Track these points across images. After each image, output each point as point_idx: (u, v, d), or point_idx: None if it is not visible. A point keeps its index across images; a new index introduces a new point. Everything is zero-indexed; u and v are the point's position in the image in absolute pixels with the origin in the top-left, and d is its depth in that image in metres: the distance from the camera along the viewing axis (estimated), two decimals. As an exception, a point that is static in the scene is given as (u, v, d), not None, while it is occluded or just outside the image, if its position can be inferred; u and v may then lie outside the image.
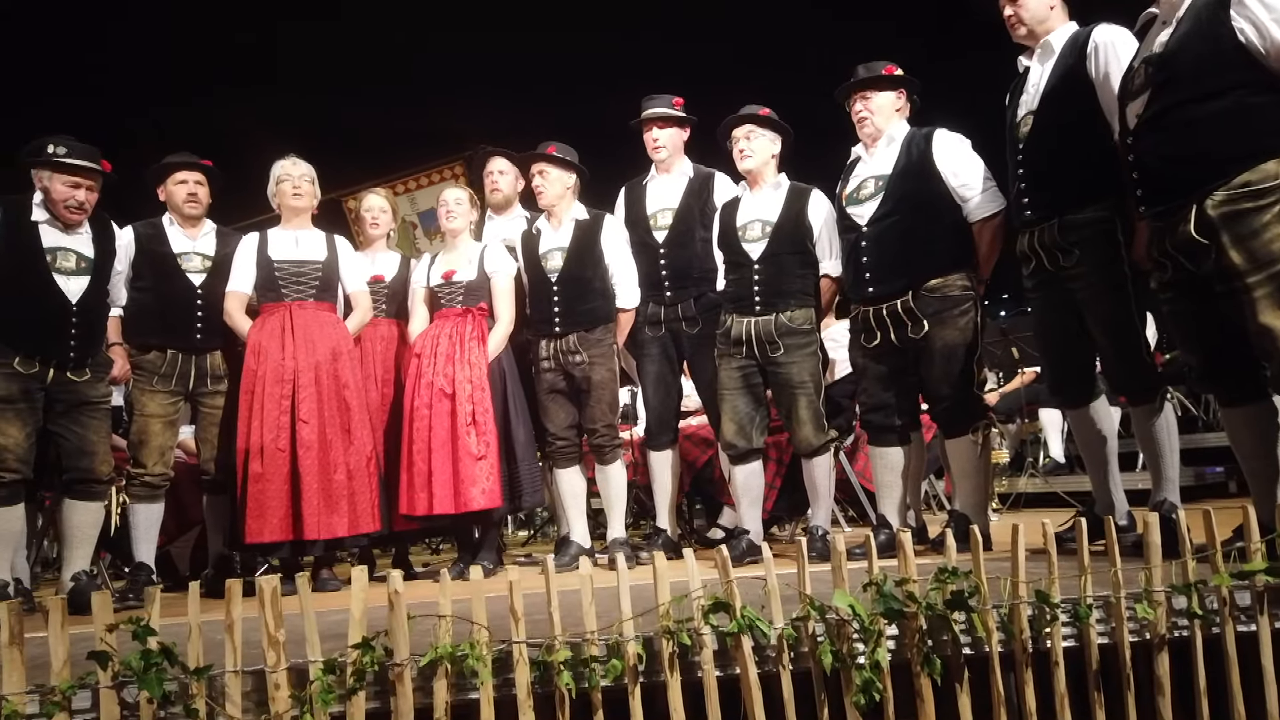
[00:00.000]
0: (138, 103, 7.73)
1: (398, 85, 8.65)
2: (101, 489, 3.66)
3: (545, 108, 7.83)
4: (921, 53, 3.75)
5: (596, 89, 7.24)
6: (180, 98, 7.97)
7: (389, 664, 1.93)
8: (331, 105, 8.53)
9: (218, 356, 3.97)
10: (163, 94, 7.88)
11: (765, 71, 6.95)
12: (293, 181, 3.95)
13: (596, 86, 7.36)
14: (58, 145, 3.54)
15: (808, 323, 3.72)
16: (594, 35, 8.30)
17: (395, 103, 8.76)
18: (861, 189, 3.55)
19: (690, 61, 7.56)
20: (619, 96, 4.42)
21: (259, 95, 8.26)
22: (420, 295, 4.14)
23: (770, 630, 2.01)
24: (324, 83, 8.43)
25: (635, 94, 4.20)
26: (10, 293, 3.47)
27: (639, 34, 8.20)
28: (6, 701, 1.82)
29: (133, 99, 7.74)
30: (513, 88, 8.63)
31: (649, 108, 4.16)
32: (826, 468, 3.76)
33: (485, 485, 3.78)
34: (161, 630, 1.89)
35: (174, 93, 7.95)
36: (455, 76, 8.89)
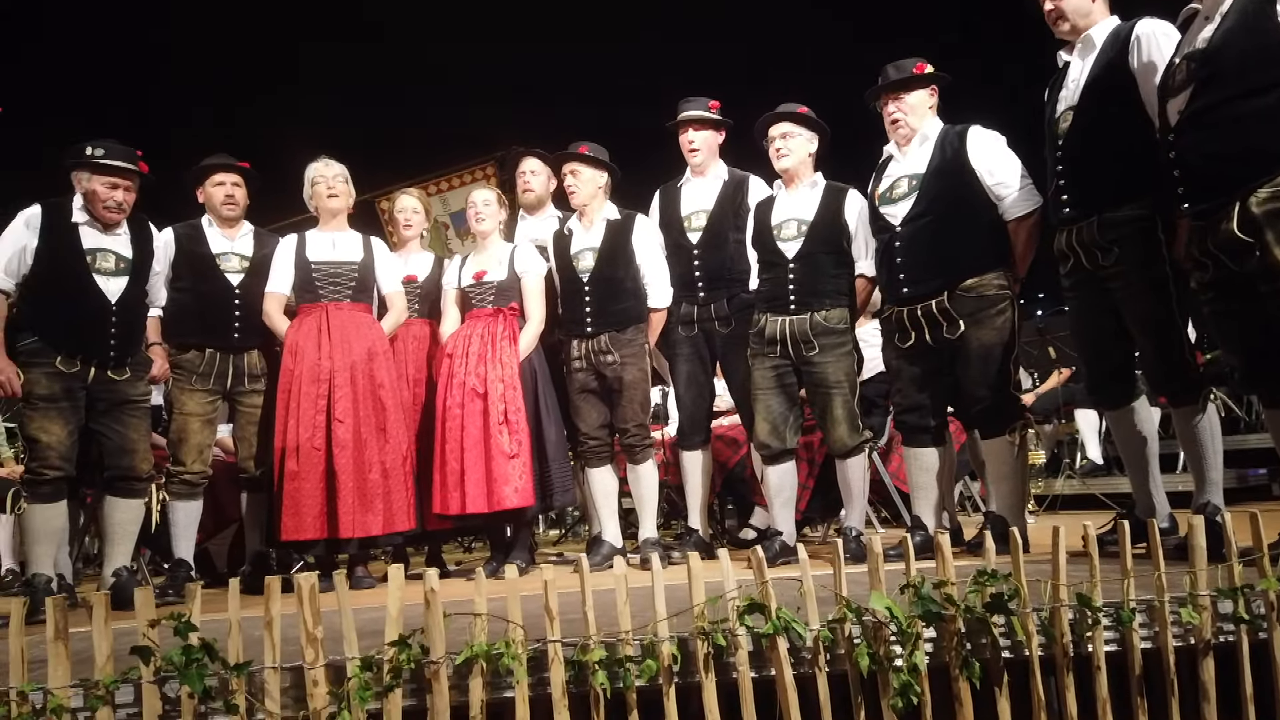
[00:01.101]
0: (177, 106, 7.85)
1: (430, 87, 8.71)
2: (142, 486, 3.72)
3: (579, 110, 7.85)
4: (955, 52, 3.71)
5: (631, 92, 7.25)
6: (218, 101, 8.08)
7: (425, 662, 1.94)
8: (365, 107, 8.61)
9: (255, 356, 4.01)
10: (201, 97, 8.00)
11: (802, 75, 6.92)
12: (327, 182, 4.00)
13: (631, 89, 7.37)
14: (96, 147, 3.59)
15: (843, 322, 3.69)
16: (630, 39, 8.31)
17: (428, 104, 8.82)
18: (895, 188, 3.52)
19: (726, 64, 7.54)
20: (654, 99, 4.42)
21: (294, 98, 8.36)
22: (452, 296, 4.16)
23: (806, 632, 2.00)
24: (358, 85, 8.51)
25: (671, 97, 4.20)
26: (51, 293, 3.54)
27: (674, 37, 8.20)
28: (52, 695, 1.85)
29: (172, 103, 7.86)
30: (546, 90, 8.66)
31: (685, 110, 4.15)
32: (861, 468, 3.73)
33: (518, 484, 3.80)
34: (202, 626, 1.91)
35: (213, 96, 8.07)
36: (488, 78, 8.94)
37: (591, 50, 8.42)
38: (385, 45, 8.48)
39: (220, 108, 7.94)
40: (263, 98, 8.22)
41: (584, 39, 8.45)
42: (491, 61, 8.80)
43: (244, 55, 8.19)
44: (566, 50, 8.54)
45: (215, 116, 7.68)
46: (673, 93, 4.23)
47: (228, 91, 8.17)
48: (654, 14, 8.04)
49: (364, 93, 8.60)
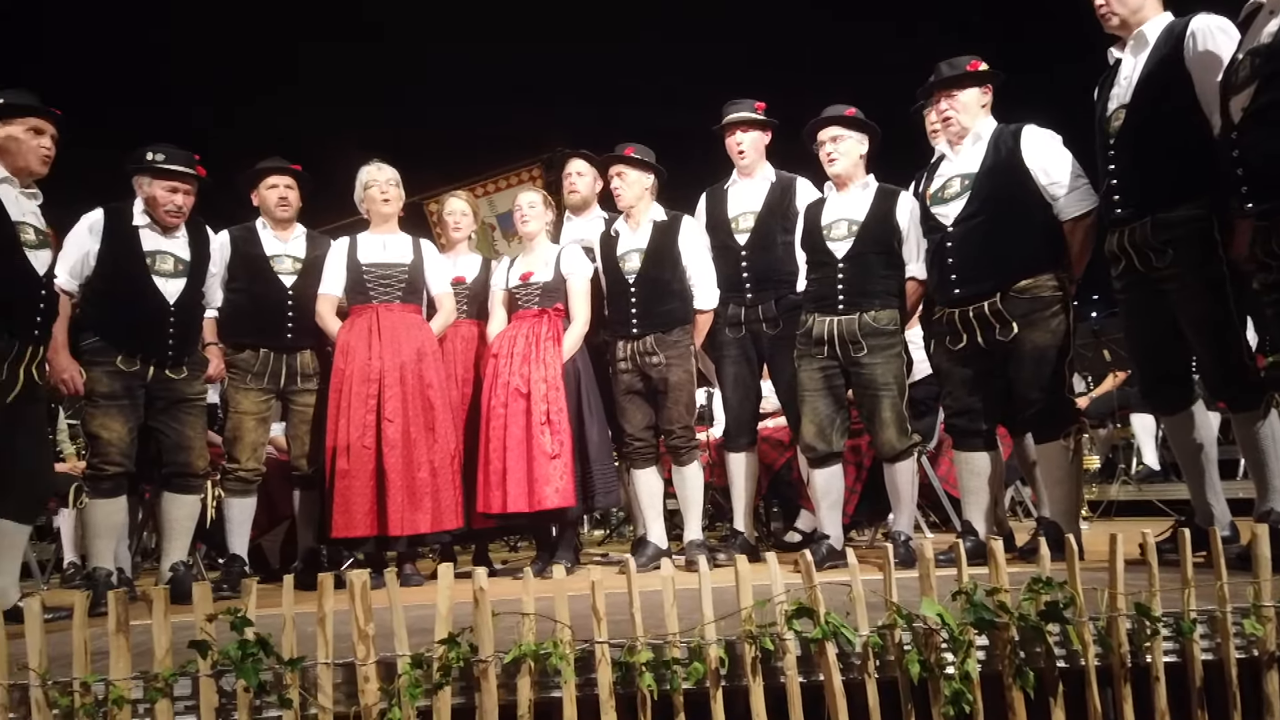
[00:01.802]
0: (226, 109, 8.03)
1: (477, 90, 8.80)
2: (198, 483, 3.80)
3: (625, 111, 7.87)
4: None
5: (677, 93, 7.25)
6: (271, 104, 8.24)
7: (474, 660, 1.96)
8: (413, 110, 8.72)
9: (308, 355, 4.08)
10: (254, 101, 8.16)
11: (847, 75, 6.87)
12: (379, 186, 4.05)
13: (677, 91, 7.37)
14: (156, 152, 3.68)
15: (892, 324, 3.65)
16: (674, 40, 8.32)
17: (474, 107, 8.91)
18: (946, 188, 3.47)
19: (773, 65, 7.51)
20: (700, 100, 4.41)
21: (343, 101, 8.50)
22: (499, 297, 4.19)
23: (855, 638, 1.98)
24: (406, 89, 8.63)
25: (717, 98, 4.19)
26: (113, 295, 3.63)
27: (719, 39, 8.19)
28: (113, 687, 1.90)
29: (222, 106, 8.03)
30: (592, 92, 8.69)
31: (731, 112, 4.14)
32: (910, 472, 3.69)
33: (559, 484, 3.81)
34: (256, 621, 1.95)
35: (267, 100, 8.23)
36: (534, 81, 9.00)
37: (639, 51, 8.44)
38: (433, 49, 8.58)
39: (272, 111, 8.09)
40: (315, 104, 8.37)
41: (630, 40, 8.48)
42: (538, 64, 8.85)
43: (296, 60, 8.35)
44: (614, 51, 8.57)
45: (266, 119, 7.83)
46: (719, 94, 4.22)
47: (280, 95, 8.33)
48: (700, 14, 8.04)
49: (412, 96, 8.71)
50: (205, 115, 7.70)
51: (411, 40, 8.48)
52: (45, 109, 3.22)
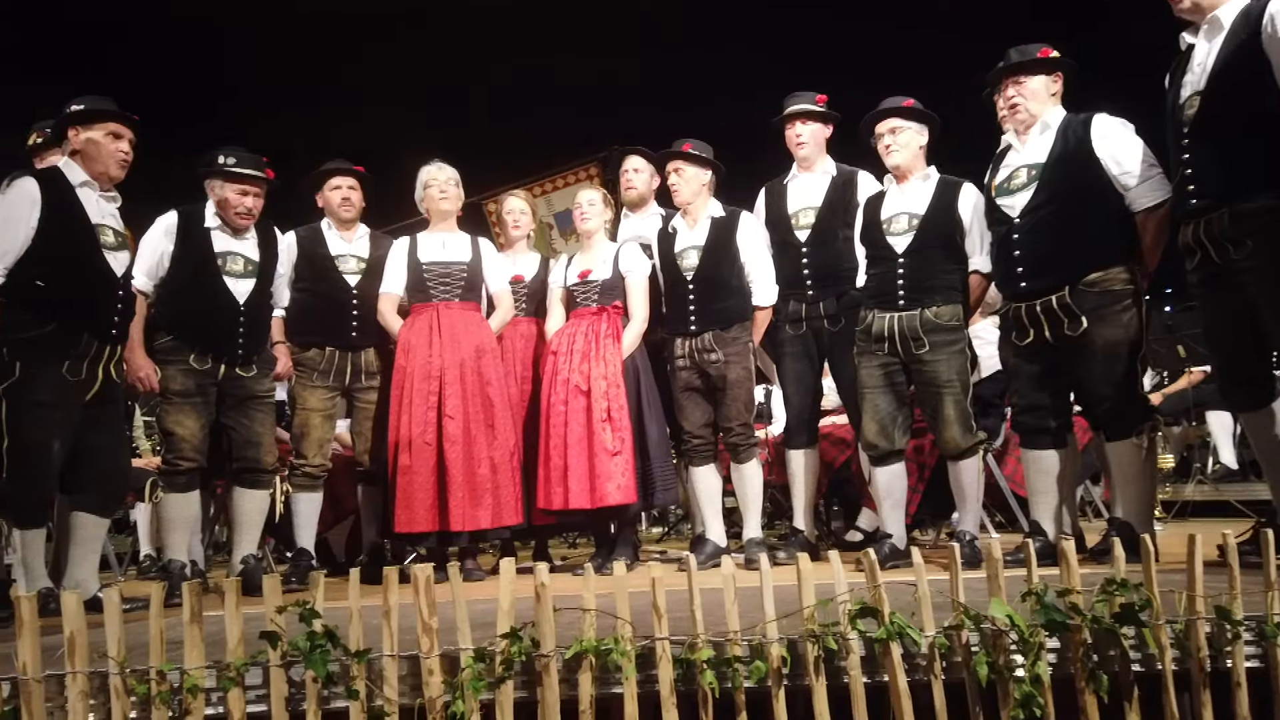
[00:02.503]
0: (297, 110, 8.21)
1: (535, 90, 8.86)
2: (267, 478, 3.90)
3: (683, 107, 7.86)
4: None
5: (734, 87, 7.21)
6: (332, 107, 8.41)
7: (535, 655, 1.97)
8: (471, 111, 8.82)
9: (371, 354, 4.15)
10: (316, 102, 8.33)
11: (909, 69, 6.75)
12: (439, 186, 4.10)
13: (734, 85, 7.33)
14: (228, 155, 3.78)
15: (955, 319, 3.58)
16: (733, 35, 8.28)
17: (532, 107, 8.97)
18: (1013, 179, 3.39)
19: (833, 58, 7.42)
20: (759, 94, 4.38)
21: (404, 102, 8.63)
22: (558, 294, 4.21)
23: (921, 638, 1.94)
24: (464, 89, 8.73)
25: (777, 90, 4.15)
26: (186, 295, 3.73)
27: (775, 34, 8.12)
28: (188, 675, 1.96)
29: (294, 106, 8.22)
30: (649, 89, 8.69)
31: (791, 104, 4.09)
32: (974, 471, 3.61)
33: (620, 481, 3.82)
34: (324, 614, 1.98)
35: (328, 102, 8.40)
36: (591, 79, 9.02)
37: (694, 46, 8.42)
38: (490, 51, 8.67)
39: (332, 113, 8.26)
40: (377, 105, 8.52)
41: (684, 35, 8.46)
42: (594, 63, 8.88)
43: (358, 62, 8.50)
44: (666, 48, 8.57)
45: (328, 121, 8.00)
46: (778, 87, 4.18)
47: (340, 98, 8.50)
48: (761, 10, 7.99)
49: (472, 97, 8.81)
50: (269, 117, 7.88)
51: (471, 42, 8.57)
52: (123, 113, 3.32)
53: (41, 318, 3.11)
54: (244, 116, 7.83)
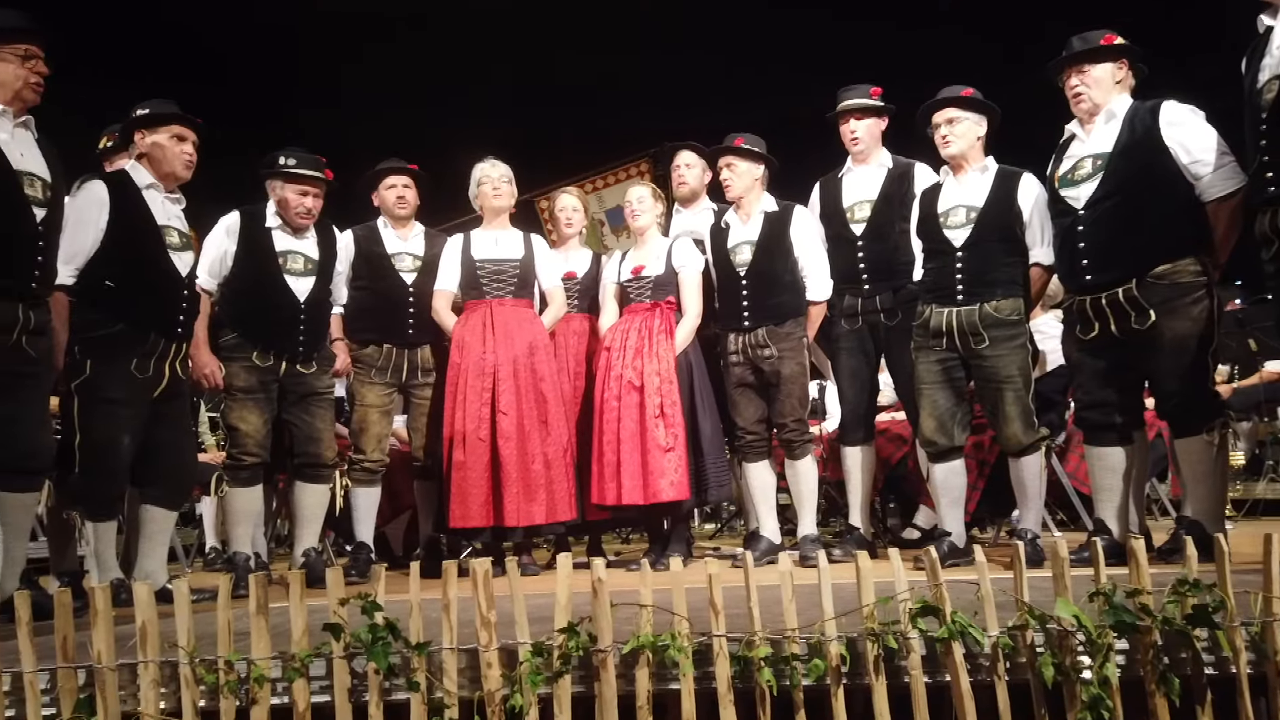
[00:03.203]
0: (354, 109, 8.35)
1: (583, 87, 8.89)
2: (328, 473, 3.97)
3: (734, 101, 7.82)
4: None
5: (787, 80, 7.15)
6: (386, 108, 8.52)
7: (593, 650, 1.97)
8: (523, 109, 8.87)
9: (428, 350, 4.21)
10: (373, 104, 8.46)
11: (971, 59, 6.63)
12: (492, 183, 4.13)
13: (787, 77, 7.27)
14: (288, 157, 3.85)
15: (1015, 313, 3.50)
16: (783, 28, 8.20)
17: (582, 104, 9.00)
18: (1077, 169, 3.31)
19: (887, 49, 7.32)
20: (812, 86, 4.33)
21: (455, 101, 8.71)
22: (611, 291, 4.22)
23: (984, 638, 1.90)
24: (514, 88, 8.78)
25: (830, 83, 4.10)
26: (248, 293, 3.81)
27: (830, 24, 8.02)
28: (254, 665, 2.00)
29: (353, 105, 8.36)
30: (701, 84, 8.66)
31: (845, 99, 4.04)
32: (1036, 468, 3.54)
33: (673, 477, 3.82)
34: (385, 606, 2.01)
35: (381, 103, 8.52)
36: (640, 75, 9.02)
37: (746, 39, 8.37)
38: (542, 47, 8.71)
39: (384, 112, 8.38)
40: (428, 105, 8.61)
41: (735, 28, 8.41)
42: (643, 60, 8.88)
43: (413, 63, 8.61)
44: (719, 41, 8.53)
45: (383, 121, 8.11)
46: (832, 79, 4.14)
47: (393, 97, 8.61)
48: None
49: (521, 95, 8.87)
50: (327, 117, 8.03)
51: (523, 39, 8.63)
52: (187, 116, 3.40)
53: (110, 317, 3.20)
54: (303, 117, 7.98)
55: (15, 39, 2.88)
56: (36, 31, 2.92)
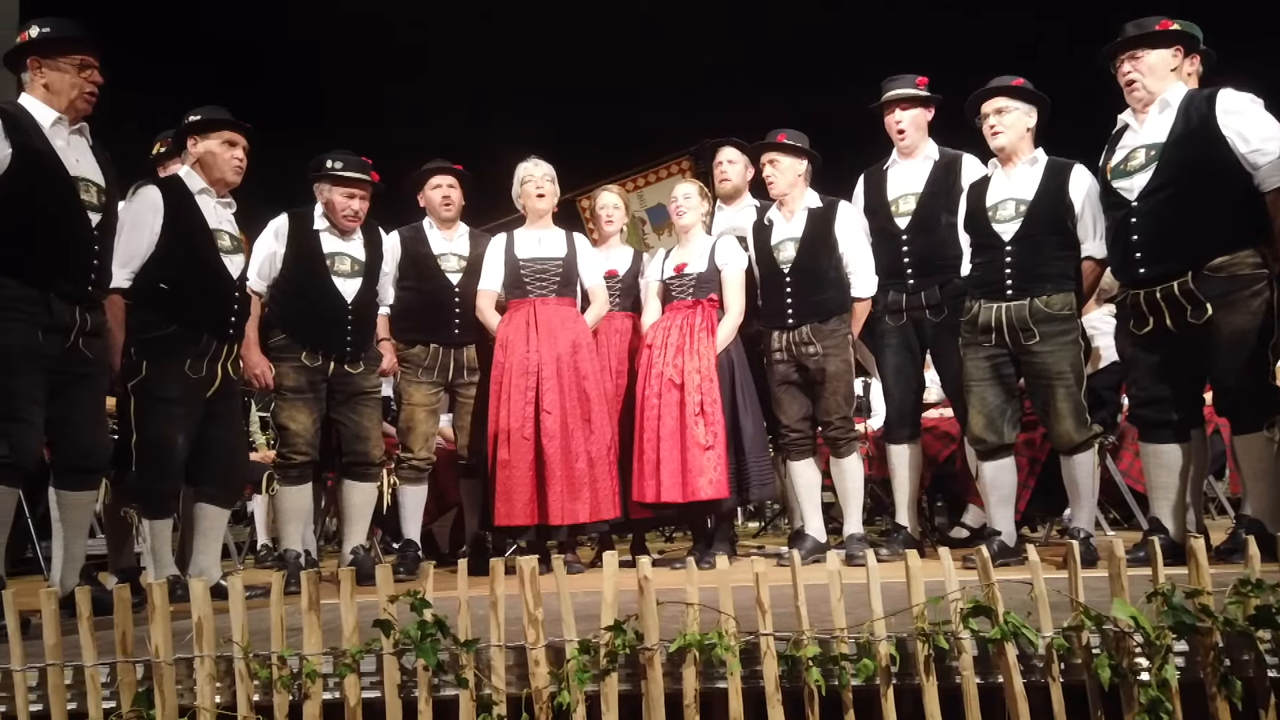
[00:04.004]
0: (401, 110, 8.43)
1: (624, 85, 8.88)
2: (375, 471, 4.02)
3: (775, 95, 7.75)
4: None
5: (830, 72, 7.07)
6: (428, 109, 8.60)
7: (639, 648, 1.97)
8: (563, 108, 8.89)
9: (473, 350, 4.24)
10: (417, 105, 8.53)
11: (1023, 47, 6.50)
12: (535, 182, 4.15)
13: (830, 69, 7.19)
14: (335, 160, 3.90)
15: (1067, 308, 3.43)
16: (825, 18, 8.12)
17: (622, 104, 9.00)
18: (1130, 160, 3.23)
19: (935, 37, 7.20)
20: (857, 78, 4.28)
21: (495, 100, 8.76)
22: (653, 288, 4.22)
23: (1038, 639, 1.87)
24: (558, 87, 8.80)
25: (875, 73, 4.06)
26: (296, 295, 3.87)
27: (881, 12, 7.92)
28: (306, 661, 2.03)
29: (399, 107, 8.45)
30: (738, 79, 8.61)
31: (890, 89, 3.99)
32: (1089, 466, 3.46)
33: (713, 476, 3.81)
34: (433, 604, 2.03)
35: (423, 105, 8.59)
36: (681, 72, 9.00)
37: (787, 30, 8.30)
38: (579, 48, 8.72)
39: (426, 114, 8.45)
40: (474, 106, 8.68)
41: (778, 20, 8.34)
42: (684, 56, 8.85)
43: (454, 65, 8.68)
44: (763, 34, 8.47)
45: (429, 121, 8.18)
46: (877, 70, 4.09)
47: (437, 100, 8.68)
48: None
49: (563, 94, 8.89)
50: (371, 119, 8.13)
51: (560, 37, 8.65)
52: (237, 122, 3.46)
53: (165, 319, 3.27)
54: (350, 118, 8.09)
55: (71, 49, 2.96)
56: (91, 41, 2.99)
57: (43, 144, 2.87)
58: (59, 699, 2.06)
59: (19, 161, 2.80)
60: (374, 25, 8.26)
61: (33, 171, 2.83)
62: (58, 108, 2.93)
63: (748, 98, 7.93)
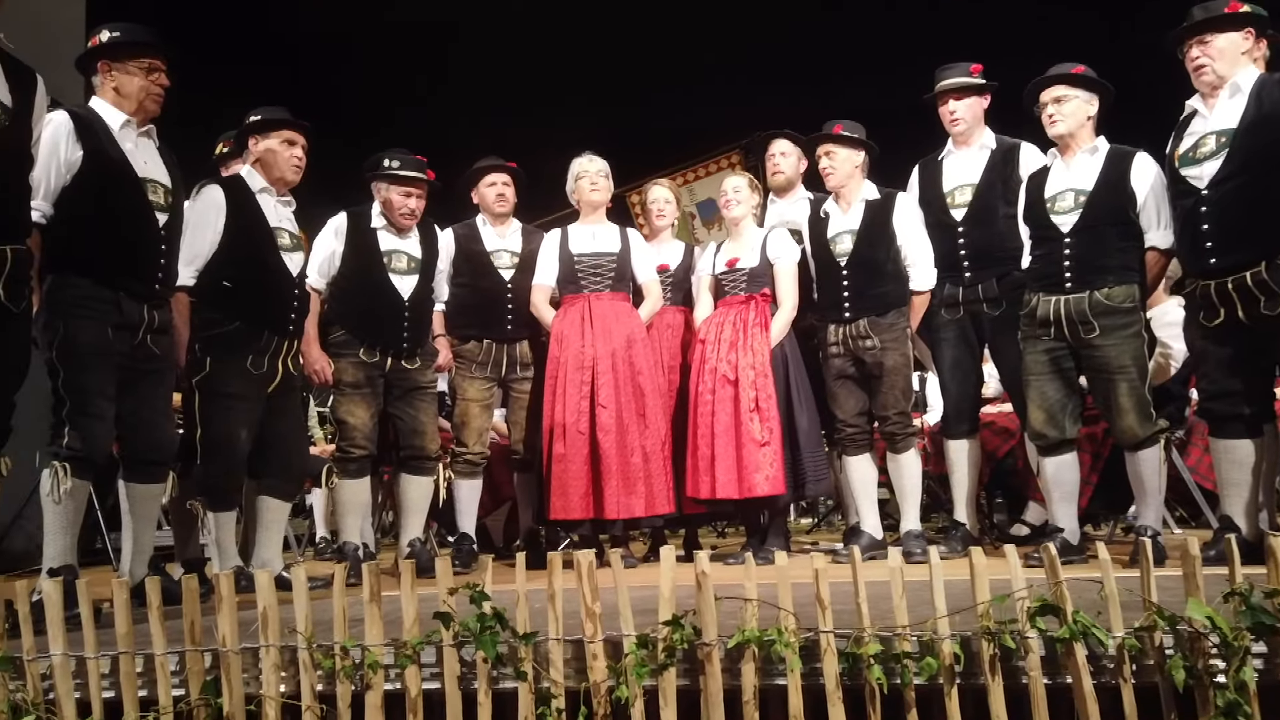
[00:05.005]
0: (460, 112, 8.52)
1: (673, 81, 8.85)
2: (431, 465, 4.07)
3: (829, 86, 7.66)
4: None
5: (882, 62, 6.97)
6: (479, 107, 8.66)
7: (698, 643, 1.96)
8: (612, 106, 8.89)
9: (526, 345, 4.27)
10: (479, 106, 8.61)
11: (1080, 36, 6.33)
12: (590, 177, 4.16)
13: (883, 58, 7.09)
14: (392, 159, 3.95)
15: (1129, 301, 3.34)
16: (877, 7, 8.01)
17: (671, 98, 8.97)
18: (1200, 147, 3.13)
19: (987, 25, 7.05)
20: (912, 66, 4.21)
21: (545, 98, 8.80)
22: (705, 283, 4.20)
23: (1108, 639, 1.82)
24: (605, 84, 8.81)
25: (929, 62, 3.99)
26: (355, 292, 3.93)
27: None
28: (368, 651, 2.06)
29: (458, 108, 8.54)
30: (788, 72, 8.53)
31: (944, 78, 3.92)
32: (1155, 462, 3.37)
33: (769, 472, 3.78)
34: (491, 596, 2.04)
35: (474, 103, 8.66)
36: (731, 65, 8.94)
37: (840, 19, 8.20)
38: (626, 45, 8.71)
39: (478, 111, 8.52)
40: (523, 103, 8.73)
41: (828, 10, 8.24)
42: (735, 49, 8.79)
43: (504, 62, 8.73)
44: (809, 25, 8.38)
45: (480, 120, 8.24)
46: (932, 58, 4.01)
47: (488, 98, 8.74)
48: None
49: (612, 92, 8.89)
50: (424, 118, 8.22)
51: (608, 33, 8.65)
52: (297, 121, 3.51)
53: (227, 316, 3.33)
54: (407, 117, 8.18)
55: (139, 53, 3.03)
56: (159, 45, 3.07)
57: (112, 146, 2.94)
58: (130, 686, 2.11)
59: (90, 164, 2.88)
60: (426, 28, 8.35)
61: (103, 174, 2.90)
62: (127, 110, 3.01)
63: (795, 91, 7.85)
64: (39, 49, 3.45)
